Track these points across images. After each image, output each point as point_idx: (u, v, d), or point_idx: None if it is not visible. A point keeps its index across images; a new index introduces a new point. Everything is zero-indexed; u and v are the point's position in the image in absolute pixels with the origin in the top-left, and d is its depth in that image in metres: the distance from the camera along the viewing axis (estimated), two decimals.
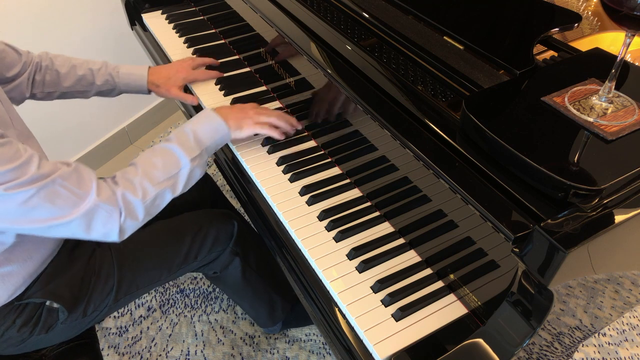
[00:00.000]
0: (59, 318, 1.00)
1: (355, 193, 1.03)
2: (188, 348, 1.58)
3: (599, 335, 1.58)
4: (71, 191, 0.84)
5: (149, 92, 1.29)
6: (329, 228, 0.96)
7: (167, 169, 0.96)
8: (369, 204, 1.00)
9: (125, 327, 1.64)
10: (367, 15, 1.04)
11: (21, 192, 0.79)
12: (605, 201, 0.64)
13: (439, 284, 0.87)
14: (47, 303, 0.99)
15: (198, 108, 1.30)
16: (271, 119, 1.10)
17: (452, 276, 0.85)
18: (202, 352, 1.57)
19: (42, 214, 0.83)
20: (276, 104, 1.25)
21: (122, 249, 1.10)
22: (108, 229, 0.88)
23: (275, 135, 1.10)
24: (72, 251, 1.05)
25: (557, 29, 0.87)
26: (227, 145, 1.17)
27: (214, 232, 1.18)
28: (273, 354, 1.56)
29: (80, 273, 1.03)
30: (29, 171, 0.80)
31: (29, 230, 0.84)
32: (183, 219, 1.20)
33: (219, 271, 1.25)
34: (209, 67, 1.36)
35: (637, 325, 1.62)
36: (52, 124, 1.96)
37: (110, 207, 0.87)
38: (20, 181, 0.79)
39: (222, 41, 1.50)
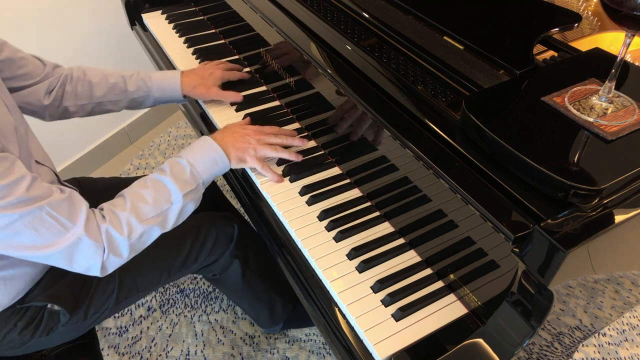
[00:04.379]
0: (60, 321, 1.00)
1: (355, 193, 1.03)
2: (188, 348, 1.58)
3: (599, 335, 1.58)
4: (58, 221, 0.80)
5: (184, 97, 1.25)
6: (329, 228, 0.96)
7: (157, 205, 0.91)
8: (369, 204, 1.00)
9: (125, 327, 1.64)
10: (367, 15, 1.04)
11: (4, 215, 0.75)
12: (605, 201, 0.64)
13: (439, 284, 0.87)
14: (49, 306, 0.98)
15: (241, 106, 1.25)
16: (277, 142, 1.06)
17: (452, 276, 0.85)
18: (202, 352, 1.57)
19: (23, 240, 0.78)
20: (276, 103, 1.25)
21: None
22: (90, 263, 0.85)
23: (286, 156, 1.06)
24: None
25: (557, 29, 0.87)
26: None
27: (214, 235, 1.17)
28: (273, 354, 1.56)
29: (82, 276, 1.03)
30: (16, 192, 0.75)
31: (5, 254, 0.81)
32: (183, 222, 1.19)
33: (219, 273, 1.25)
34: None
35: (637, 325, 1.62)
36: (52, 123, 1.96)
37: (93, 243, 0.83)
38: (5, 202, 0.74)
39: (222, 41, 1.50)
